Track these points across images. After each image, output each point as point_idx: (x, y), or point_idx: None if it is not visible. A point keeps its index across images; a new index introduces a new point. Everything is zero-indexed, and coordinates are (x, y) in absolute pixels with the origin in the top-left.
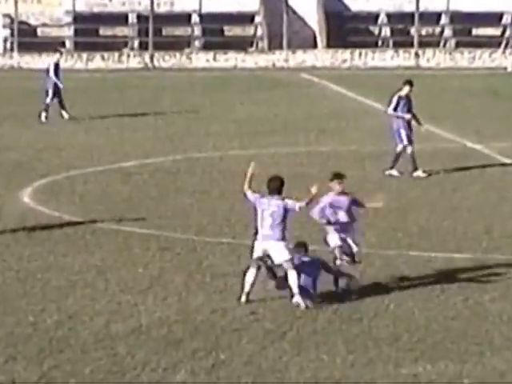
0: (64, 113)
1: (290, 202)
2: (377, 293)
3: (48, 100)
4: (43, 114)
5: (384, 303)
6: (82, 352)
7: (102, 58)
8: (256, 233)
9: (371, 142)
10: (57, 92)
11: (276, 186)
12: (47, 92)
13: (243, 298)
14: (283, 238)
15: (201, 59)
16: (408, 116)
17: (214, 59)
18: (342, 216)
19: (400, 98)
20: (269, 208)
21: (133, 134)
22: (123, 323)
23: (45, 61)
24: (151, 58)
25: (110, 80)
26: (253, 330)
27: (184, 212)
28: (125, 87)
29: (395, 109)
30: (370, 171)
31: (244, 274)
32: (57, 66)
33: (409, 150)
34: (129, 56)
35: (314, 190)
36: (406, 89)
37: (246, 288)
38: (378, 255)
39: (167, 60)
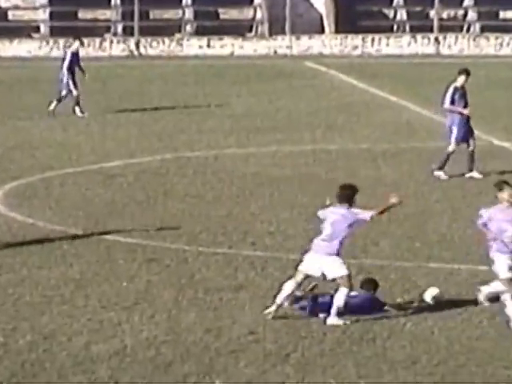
0: (53, 106)
1: (359, 212)
2: (392, 309)
3: (74, 91)
4: (77, 109)
5: (400, 322)
6: (58, 376)
7: (81, 44)
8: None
9: (385, 140)
10: (66, 84)
11: (346, 195)
12: (68, 84)
13: (272, 309)
14: (338, 253)
15: (193, 46)
16: (466, 111)
17: (208, 46)
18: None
19: (456, 89)
20: (331, 217)
21: (116, 131)
22: (105, 344)
23: (17, 48)
24: (137, 44)
25: (90, 69)
26: (252, 351)
27: (174, 218)
28: (107, 78)
29: (452, 102)
30: (384, 172)
31: (282, 284)
32: (76, 56)
33: (450, 148)
34: (112, 42)
35: (394, 199)
36: (462, 79)
37: (279, 299)
38: (393, 267)
39: (155, 47)
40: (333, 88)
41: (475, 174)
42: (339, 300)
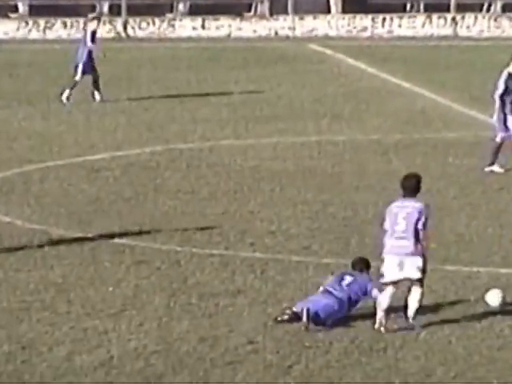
0: (97, 94)
1: (426, 211)
2: (405, 317)
3: (77, 77)
4: (66, 93)
5: (413, 330)
6: None
7: (64, 25)
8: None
9: (397, 130)
10: (92, 67)
11: (412, 186)
12: (76, 67)
13: (377, 325)
14: (418, 251)
15: (186, 27)
16: None
17: (203, 27)
18: None
19: (510, 75)
20: (402, 210)
21: (101, 121)
22: (89, 355)
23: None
24: (124, 25)
25: (72, 53)
26: (250, 363)
27: (165, 217)
28: None
29: (504, 93)
30: (396, 166)
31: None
32: (93, 35)
33: None
34: None
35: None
36: None
37: (379, 314)
38: None
39: (144, 28)
40: (340, 73)
41: (496, 168)
42: (415, 300)
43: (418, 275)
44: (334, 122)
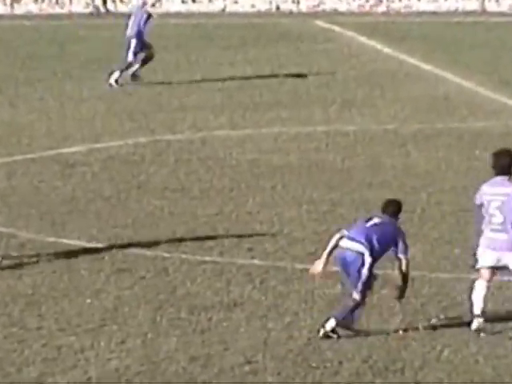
0: (115, 77)
1: None
2: (425, 333)
3: (130, 57)
4: (115, 76)
5: (435, 348)
6: None
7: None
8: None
9: (416, 119)
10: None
11: (505, 164)
12: (129, 45)
13: (474, 325)
14: None
15: (174, 1)
16: None
17: (193, 0)
18: None
19: None
20: (496, 198)
21: (77, 108)
22: (64, 376)
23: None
24: None
25: (45, 30)
26: None
27: (150, 218)
28: (66, 41)
29: None
30: (414, 160)
31: (471, 290)
32: (149, 16)
33: None
34: None
35: None
36: None
37: (477, 310)
38: (427, 280)
39: (126, 2)
40: (350, 54)
41: None
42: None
43: None
44: (345, 110)
